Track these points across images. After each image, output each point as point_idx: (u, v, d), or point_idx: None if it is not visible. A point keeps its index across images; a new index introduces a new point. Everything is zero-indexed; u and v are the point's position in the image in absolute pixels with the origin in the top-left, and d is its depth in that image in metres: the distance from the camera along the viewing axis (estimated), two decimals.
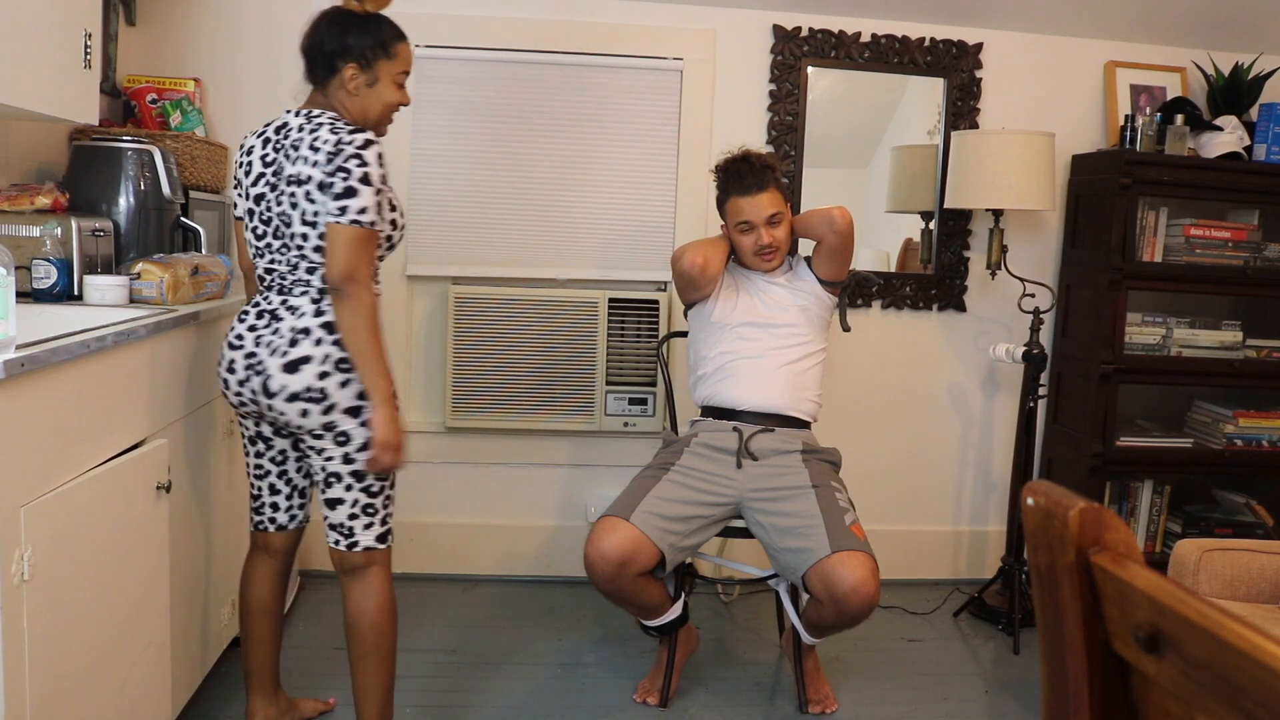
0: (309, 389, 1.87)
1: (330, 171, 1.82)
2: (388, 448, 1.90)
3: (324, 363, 1.88)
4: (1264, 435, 3.17)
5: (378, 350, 1.87)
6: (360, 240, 1.83)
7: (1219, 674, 0.63)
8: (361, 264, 1.83)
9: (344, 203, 1.82)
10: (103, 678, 1.70)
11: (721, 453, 2.45)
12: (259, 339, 1.91)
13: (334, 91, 1.95)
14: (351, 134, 1.85)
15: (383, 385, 1.87)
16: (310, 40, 1.95)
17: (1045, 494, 0.76)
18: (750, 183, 2.49)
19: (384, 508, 2.03)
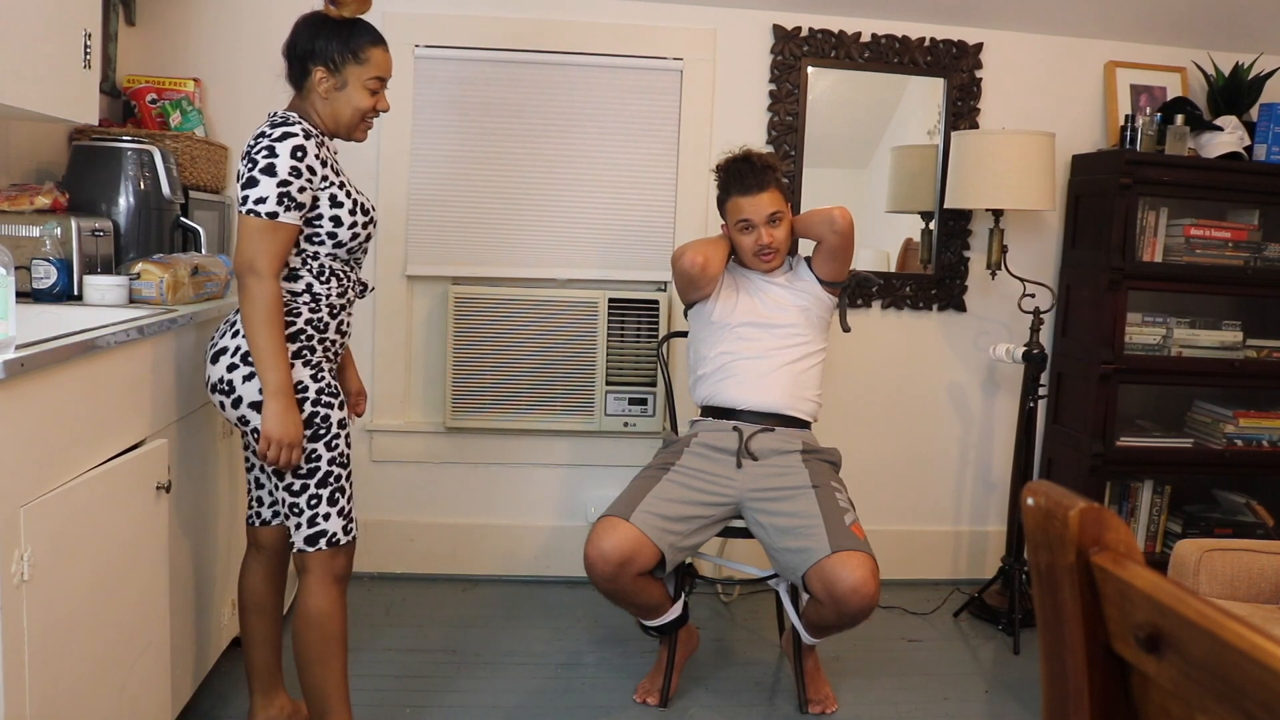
0: (221, 380, 1.90)
1: (245, 163, 1.85)
2: (272, 442, 1.84)
3: (234, 355, 1.90)
4: (1264, 435, 3.17)
5: (270, 342, 1.83)
6: (258, 230, 1.82)
7: (1219, 674, 0.63)
8: (260, 255, 1.82)
9: (245, 191, 1.83)
10: (103, 678, 1.70)
11: (721, 453, 2.45)
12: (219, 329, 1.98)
13: (307, 96, 1.98)
14: (274, 126, 1.87)
15: (273, 377, 1.84)
16: (288, 43, 1.99)
17: (1045, 494, 0.76)
18: (751, 182, 2.49)
19: (310, 508, 1.94)
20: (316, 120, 1.97)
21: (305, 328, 1.94)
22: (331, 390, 1.96)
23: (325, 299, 1.96)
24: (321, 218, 1.92)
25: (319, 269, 1.95)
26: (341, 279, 1.99)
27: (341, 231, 1.94)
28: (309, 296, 1.95)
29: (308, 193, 1.88)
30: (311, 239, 1.93)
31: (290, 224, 1.86)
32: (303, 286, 1.94)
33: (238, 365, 1.89)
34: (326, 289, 1.96)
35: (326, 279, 1.96)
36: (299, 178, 1.85)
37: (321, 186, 1.90)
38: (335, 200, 1.93)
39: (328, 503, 1.95)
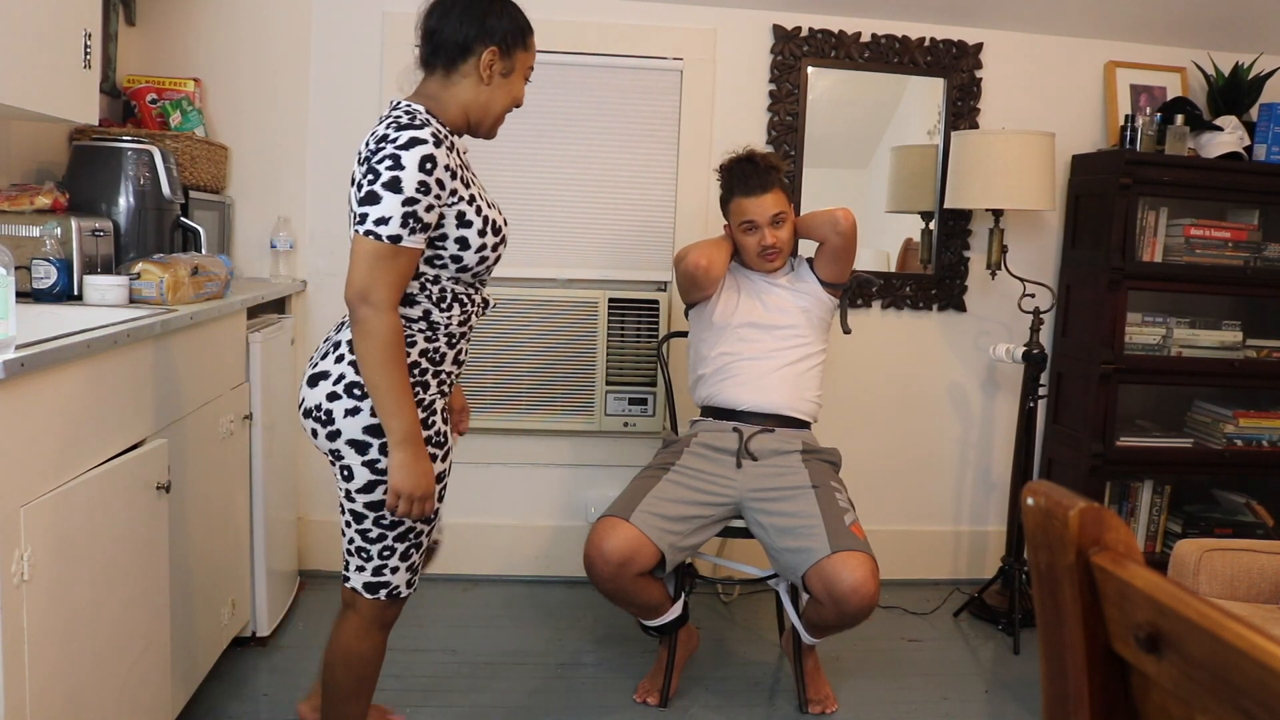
0: (317, 408, 1.71)
1: (363, 172, 1.61)
2: (402, 496, 1.66)
3: (336, 383, 1.69)
4: (1264, 435, 3.17)
5: (393, 384, 1.62)
6: (377, 256, 1.59)
7: (1219, 674, 0.63)
8: (377, 284, 1.59)
9: (364, 209, 1.60)
10: (103, 678, 1.70)
11: (721, 453, 2.45)
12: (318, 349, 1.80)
13: (457, 80, 1.71)
14: (400, 129, 1.60)
15: (398, 425, 1.63)
16: (438, 19, 1.71)
17: (1045, 494, 0.76)
18: (754, 183, 2.49)
19: (380, 558, 1.79)
20: (453, 113, 1.73)
21: (419, 360, 1.71)
22: (439, 440, 1.77)
23: (444, 328, 1.73)
24: (446, 239, 1.67)
25: (439, 294, 1.71)
26: (465, 304, 1.76)
27: (468, 255, 1.70)
28: (425, 325, 1.71)
29: (435, 211, 1.62)
30: (433, 261, 1.68)
31: (413, 249, 1.61)
32: (419, 313, 1.71)
33: (340, 396, 1.69)
34: (447, 317, 1.73)
35: (448, 305, 1.72)
36: (427, 194, 1.60)
37: (450, 203, 1.65)
38: (463, 219, 1.67)
39: (400, 557, 1.79)
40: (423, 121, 1.64)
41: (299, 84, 3.07)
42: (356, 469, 1.72)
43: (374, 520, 1.76)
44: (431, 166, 1.60)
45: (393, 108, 1.69)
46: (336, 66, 3.08)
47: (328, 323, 3.16)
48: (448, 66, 1.72)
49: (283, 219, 3.04)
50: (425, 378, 1.73)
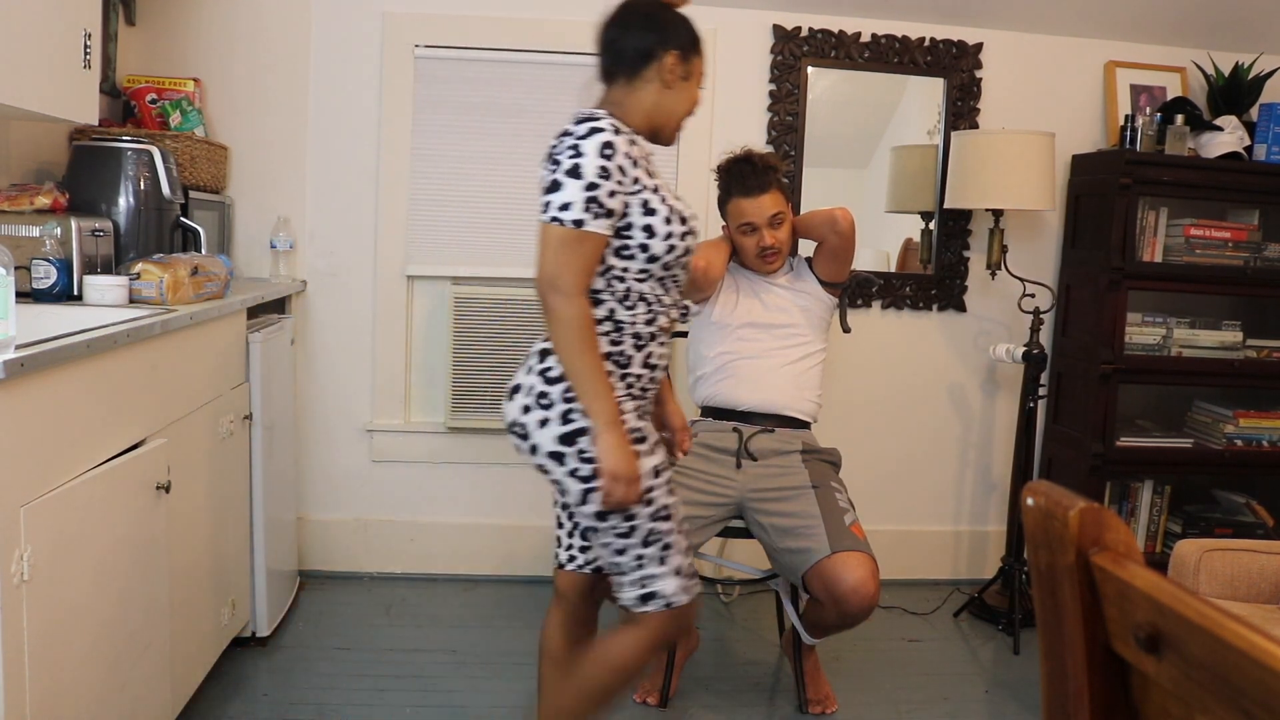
0: (514, 423, 1.70)
1: (545, 163, 1.65)
2: (615, 478, 1.61)
3: (528, 395, 1.68)
4: (1264, 435, 3.17)
5: (589, 367, 1.61)
6: (562, 242, 1.59)
7: (1219, 674, 0.63)
8: (565, 270, 1.59)
9: (547, 197, 1.62)
10: (103, 678, 1.70)
11: (721, 453, 2.45)
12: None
13: (640, 87, 1.73)
14: (580, 122, 1.64)
15: (600, 406, 1.61)
16: (618, 30, 1.75)
17: (1045, 494, 0.76)
18: (753, 184, 2.49)
19: (636, 569, 1.70)
20: (637, 119, 1.74)
21: (604, 362, 1.68)
22: (637, 435, 1.69)
23: (630, 327, 1.70)
24: (632, 228, 1.66)
25: (625, 292, 1.69)
26: (651, 303, 1.72)
27: (655, 244, 1.67)
28: (610, 325, 1.69)
29: (618, 198, 1.62)
30: (620, 253, 1.67)
31: (598, 234, 1.61)
32: (604, 313, 1.68)
33: (531, 408, 1.66)
34: (631, 315, 1.70)
35: (633, 304, 1.70)
36: (608, 179, 1.61)
37: (633, 190, 1.65)
38: (648, 207, 1.66)
39: (657, 562, 1.71)
40: (601, 116, 1.66)
41: (299, 84, 3.07)
42: (565, 482, 1.67)
43: (611, 533, 1.69)
44: (611, 152, 1.62)
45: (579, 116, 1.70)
46: (336, 66, 3.08)
47: (328, 323, 3.16)
48: (630, 74, 1.74)
49: (283, 219, 3.04)
50: (611, 379, 1.68)
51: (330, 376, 3.19)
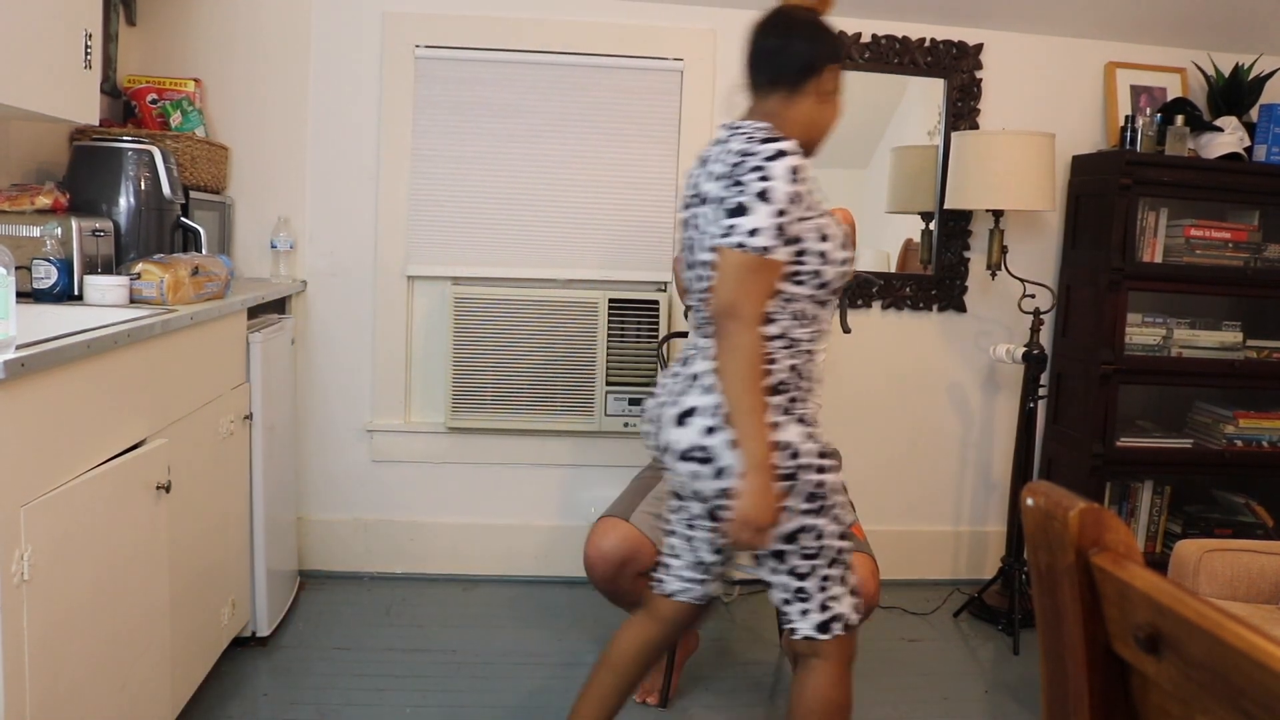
0: (695, 447, 1.62)
1: (727, 185, 1.59)
2: (747, 525, 1.57)
3: (712, 415, 1.61)
4: (1264, 435, 3.17)
5: (755, 404, 1.56)
6: (748, 268, 1.55)
7: (1219, 674, 0.63)
8: (748, 298, 1.55)
9: (732, 221, 1.56)
10: (103, 678, 1.70)
11: None
12: (668, 389, 1.72)
13: (799, 100, 1.70)
14: (763, 143, 1.58)
15: (756, 447, 1.55)
16: (780, 38, 1.70)
17: (1045, 494, 0.76)
18: None
19: (820, 591, 1.68)
20: (794, 133, 1.67)
21: (790, 376, 1.66)
22: (829, 451, 1.68)
23: (803, 344, 1.68)
24: (806, 253, 1.63)
25: (797, 311, 1.66)
26: (815, 323, 1.70)
27: (829, 271, 1.66)
28: (787, 340, 1.66)
29: (797, 224, 1.60)
30: (795, 278, 1.63)
31: (780, 261, 1.59)
32: (777, 330, 1.65)
33: (717, 428, 1.61)
34: (804, 333, 1.68)
35: (804, 323, 1.68)
36: (795, 205, 1.58)
37: (808, 215, 1.63)
38: (823, 233, 1.64)
39: (840, 583, 1.69)
40: (780, 135, 1.62)
41: (299, 84, 3.07)
42: None
43: (799, 554, 1.66)
44: (797, 177, 1.59)
45: (735, 128, 1.67)
46: (336, 66, 3.08)
47: (328, 323, 3.16)
48: (792, 86, 1.69)
49: (283, 219, 3.04)
50: (802, 393, 1.68)
51: (330, 376, 3.19)
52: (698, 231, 1.69)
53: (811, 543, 1.65)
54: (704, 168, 1.71)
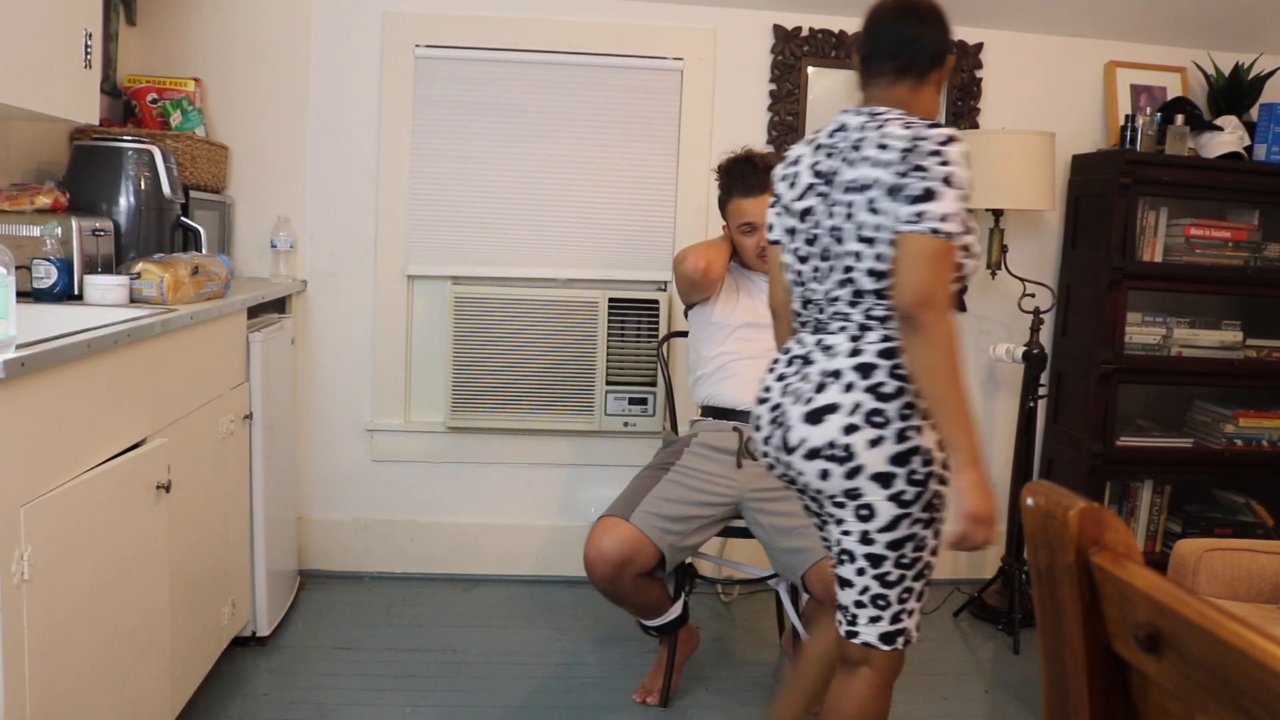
0: (832, 445, 1.58)
1: (903, 171, 1.53)
2: (979, 521, 1.53)
3: (852, 414, 1.57)
4: (1264, 435, 3.17)
5: (961, 396, 1.51)
6: (940, 254, 1.51)
7: (1219, 674, 0.63)
8: (940, 285, 1.51)
9: (920, 207, 1.51)
10: (103, 678, 1.70)
11: (721, 453, 2.45)
12: (786, 388, 1.66)
13: (924, 89, 1.68)
14: (930, 127, 1.55)
15: (969, 441, 1.51)
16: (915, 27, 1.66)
17: (1045, 494, 0.76)
18: (753, 183, 2.49)
19: (899, 603, 1.65)
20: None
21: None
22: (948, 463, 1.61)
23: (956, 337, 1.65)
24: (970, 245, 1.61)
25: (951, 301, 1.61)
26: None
27: (969, 264, 1.63)
28: None
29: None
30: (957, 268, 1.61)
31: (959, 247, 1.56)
32: None
33: (860, 427, 1.56)
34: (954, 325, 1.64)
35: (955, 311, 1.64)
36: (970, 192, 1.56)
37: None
38: (967, 225, 1.59)
39: (916, 598, 1.67)
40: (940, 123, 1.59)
41: (299, 84, 3.07)
42: (880, 505, 1.58)
43: (895, 561, 1.62)
44: (968, 163, 1.56)
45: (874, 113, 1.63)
46: (336, 66, 3.08)
47: (328, 323, 3.16)
48: (921, 74, 1.67)
49: (283, 219, 3.04)
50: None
51: (330, 376, 3.19)
52: (841, 219, 1.60)
53: (910, 553, 1.62)
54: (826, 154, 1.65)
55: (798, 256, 1.69)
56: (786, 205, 1.72)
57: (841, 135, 1.64)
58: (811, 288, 1.67)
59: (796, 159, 1.72)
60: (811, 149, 1.70)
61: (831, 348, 1.63)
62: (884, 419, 1.56)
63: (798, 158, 1.72)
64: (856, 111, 1.67)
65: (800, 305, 1.71)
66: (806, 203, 1.67)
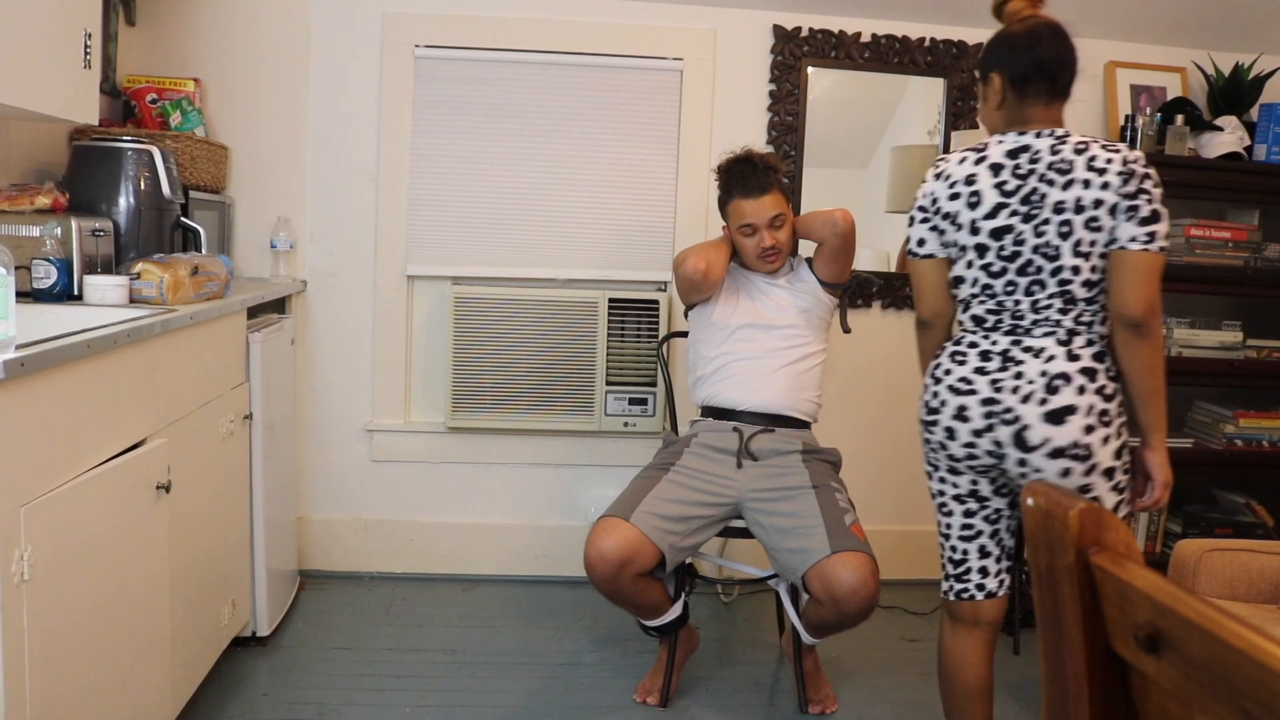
0: (1075, 445, 1.74)
1: (1130, 194, 1.71)
2: (1168, 487, 1.85)
3: (1088, 415, 1.74)
4: (1264, 435, 3.17)
5: (1164, 390, 1.79)
6: (1161, 268, 1.73)
7: (1219, 674, 0.63)
8: (1159, 294, 1.73)
9: (1151, 228, 1.70)
10: (103, 678, 1.70)
11: (721, 453, 2.45)
12: (996, 384, 1.78)
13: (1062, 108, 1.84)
14: (1132, 153, 1.74)
15: (1165, 424, 1.81)
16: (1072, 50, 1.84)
17: (1045, 494, 0.76)
18: (753, 184, 2.48)
19: None
20: None
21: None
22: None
23: None
24: None
25: None
26: None
27: None
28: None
29: None
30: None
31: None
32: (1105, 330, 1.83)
33: (1096, 427, 1.74)
34: None
35: None
36: None
37: None
38: None
39: None
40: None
41: (299, 84, 3.07)
42: (1105, 496, 1.79)
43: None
44: None
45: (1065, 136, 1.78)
46: (336, 66, 3.08)
47: (328, 323, 3.16)
48: (1066, 95, 1.84)
49: (283, 219, 3.04)
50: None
51: (330, 376, 3.19)
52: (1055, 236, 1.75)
53: None
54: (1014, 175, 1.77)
55: (989, 271, 1.81)
56: (964, 223, 1.82)
57: (1027, 156, 1.77)
58: (1004, 298, 1.80)
59: (969, 178, 1.81)
60: (986, 168, 1.80)
61: (1040, 351, 1.77)
62: (1109, 418, 1.76)
63: (970, 176, 1.81)
64: (1036, 134, 1.79)
65: (985, 310, 1.83)
66: (1000, 221, 1.78)
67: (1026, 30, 1.84)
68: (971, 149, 1.85)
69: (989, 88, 1.88)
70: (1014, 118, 1.83)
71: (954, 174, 1.83)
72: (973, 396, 1.79)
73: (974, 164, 1.81)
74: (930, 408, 1.87)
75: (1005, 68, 1.83)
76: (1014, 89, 1.82)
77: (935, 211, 1.86)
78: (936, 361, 1.90)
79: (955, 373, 1.83)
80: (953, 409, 1.82)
